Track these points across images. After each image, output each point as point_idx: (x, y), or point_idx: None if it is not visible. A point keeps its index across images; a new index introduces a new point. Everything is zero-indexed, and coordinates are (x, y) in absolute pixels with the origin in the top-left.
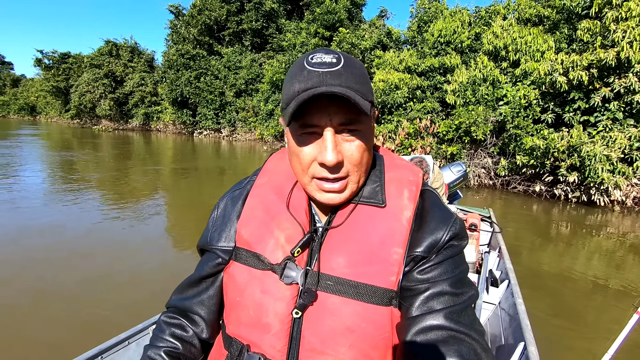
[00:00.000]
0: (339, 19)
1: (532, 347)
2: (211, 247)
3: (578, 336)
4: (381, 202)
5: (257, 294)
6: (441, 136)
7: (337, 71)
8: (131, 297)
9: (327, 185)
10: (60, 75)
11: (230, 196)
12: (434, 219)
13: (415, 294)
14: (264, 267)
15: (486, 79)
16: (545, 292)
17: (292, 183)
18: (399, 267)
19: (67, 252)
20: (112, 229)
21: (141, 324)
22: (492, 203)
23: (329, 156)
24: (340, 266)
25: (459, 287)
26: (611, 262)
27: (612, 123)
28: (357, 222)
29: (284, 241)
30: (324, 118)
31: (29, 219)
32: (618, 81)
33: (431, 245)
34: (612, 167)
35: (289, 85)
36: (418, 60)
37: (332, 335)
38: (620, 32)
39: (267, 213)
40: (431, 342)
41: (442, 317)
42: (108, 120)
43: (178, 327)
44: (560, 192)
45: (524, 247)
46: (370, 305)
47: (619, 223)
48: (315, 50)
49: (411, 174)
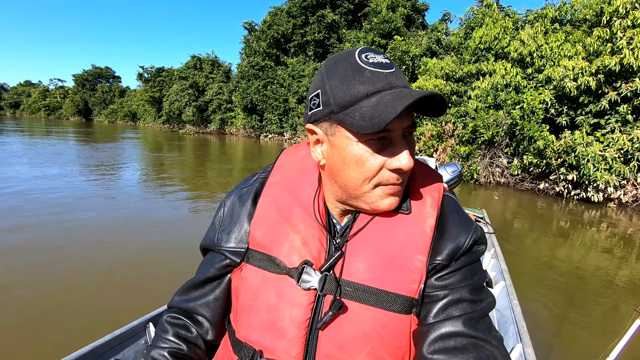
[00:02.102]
0: (395, 27)
1: (529, 349)
2: (219, 248)
3: (577, 337)
4: (406, 209)
5: (271, 298)
6: (460, 137)
7: (397, 72)
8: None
9: (393, 189)
10: (155, 87)
11: (237, 194)
12: (455, 225)
13: (434, 300)
14: (279, 270)
15: (509, 85)
16: (541, 290)
17: (307, 182)
18: (422, 274)
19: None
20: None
21: (138, 319)
22: (506, 200)
23: (406, 161)
24: (360, 271)
25: (478, 294)
26: (608, 259)
27: (622, 125)
28: (380, 228)
29: (300, 244)
30: (397, 121)
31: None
32: (625, 85)
33: (453, 252)
34: (608, 166)
35: (344, 87)
36: (456, 67)
37: (350, 342)
38: (625, 39)
39: (281, 214)
40: (450, 349)
41: (461, 323)
42: (191, 125)
43: (182, 327)
44: (562, 189)
45: (522, 240)
46: (390, 313)
47: (615, 220)
48: (363, 49)
49: (434, 180)
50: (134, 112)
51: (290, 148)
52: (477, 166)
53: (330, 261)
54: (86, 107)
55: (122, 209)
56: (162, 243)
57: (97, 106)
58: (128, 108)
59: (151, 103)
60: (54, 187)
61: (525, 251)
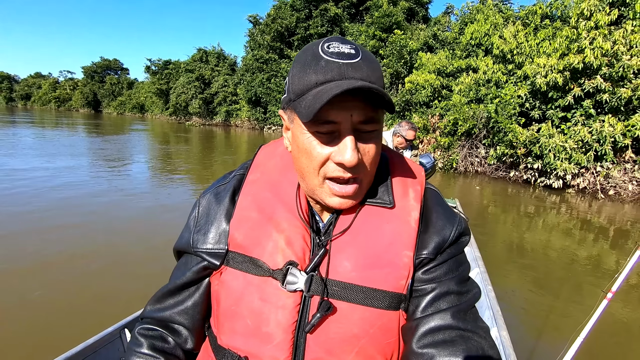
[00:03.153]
0: (396, 21)
1: (503, 332)
2: (195, 250)
3: (548, 318)
4: (389, 203)
5: (255, 301)
6: (442, 130)
7: (357, 64)
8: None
9: (340, 189)
10: (162, 79)
11: (213, 192)
12: (439, 218)
13: (422, 294)
14: (262, 273)
15: (490, 80)
16: (513, 273)
17: (289, 180)
18: (409, 270)
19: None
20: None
21: (112, 326)
22: (483, 188)
23: (348, 155)
24: (346, 270)
25: (464, 285)
26: (569, 241)
27: (585, 119)
28: (364, 224)
29: (284, 244)
30: (343, 113)
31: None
32: (588, 82)
33: (439, 246)
34: (568, 156)
35: (301, 74)
36: (447, 62)
37: (338, 343)
38: (588, 40)
39: (263, 213)
40: (439, 342)
41: (450, 316)
42: (197, 117)
43: (158, 339)
44: (530, 177)
45: (494, 225)
46: (378, 310)
47: (574, 204)
48: (330, 38)
49: (415, 172)
50: (141, 104)
51: (268, 144)
52: (457, 156)
53: (314, 260)
54: (95, 99)
55: (131, 205)
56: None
57: (106, 98)
58: (136, 100)
59: (158, 95)
60: (63, 182)
61: (497, 235)
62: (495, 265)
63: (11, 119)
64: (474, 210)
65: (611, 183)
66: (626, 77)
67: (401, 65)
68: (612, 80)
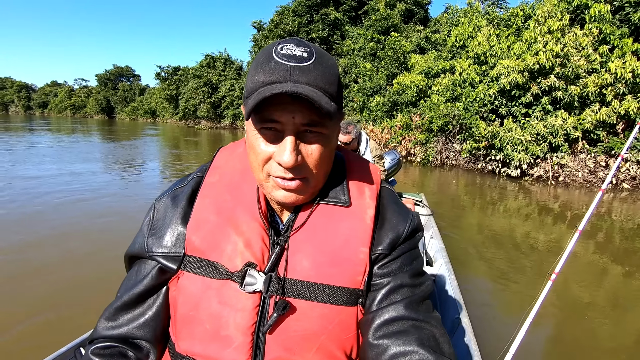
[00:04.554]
0: (393, 24)
1: (465, 319)
2: (150, 254)
3: (506, 300)
4: (345, 202)
5: (214, 305)
6: (421, 127)
7: (307, 67)
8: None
9: (283, 183)
10: (172, 85)
11: (170, 196)
12: (394, 215)
13: (378, 288)
14: (221, 276)
15: (466, 81)
16: (476, 259)
17: (248, 181)
18: (365, 266)
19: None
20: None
21: (66, 345)
22: (458, 179)
23: (286, 157)
24: (304, 269)
25: (417, 278)
26: (525, 226)
27: (544, 114)
28: (321, 223)
29: (242, 247)
30: (286, 115)
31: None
32: (544, 81)
33: (393, 242)
34: (524, 148)
35: (253, 73)
36: (432, 64)
37: (298, 341)
38: (542, 43)
39: (222, 215)
40: (393, 333)
41: (403, 307)
42: (206, 120)
43: (117, 355)
44: (494, 167)
45: (463, 212)
46: (337, 306)
47: (530, 191)
48: (287, 39)
49: (371, 172)
50: (153, 109)
51: (227, 146)
52: (432, 150)
53: (271, 259)
54: (109, 105)
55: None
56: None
57: (119, 104)
58: (148, 105)
59: (169, 100)
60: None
61: (464, 222)
62: (461, 252)
63: (30, 126)
64: (447, 200)
65: (565, 171)
66: (580, 76)
67: (396, 66)
68: (566, 79)
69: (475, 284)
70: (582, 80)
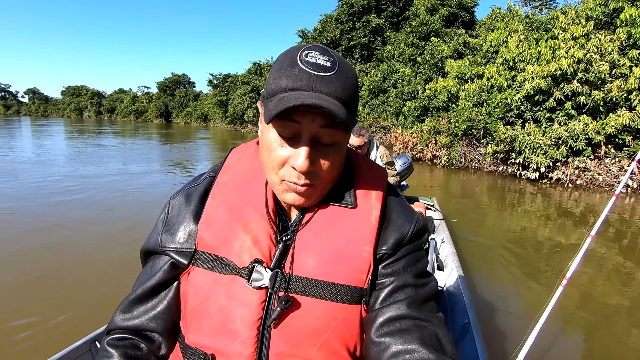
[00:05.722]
0: (433, 29)
1: (475, 323)
2: (164, 249)
3: (514, 306)
4: (351, 204)
5: (222, 300)
6: (447, 131)
7: (329, 78)
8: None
9: (295, 187)
10: (222, 91)
11: (184, 194)
12: (399, 216)
13: (381, 288)
14: (229, 271)
15: (493, 86)
16: (489, 260)
17: (258, 181)
18: (369, 265)
19: None
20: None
21: (81, 340)
22: (481, 181)
23: (301, 162)
24: (310, 266)
25: (421, 278)
26: (542, 229)
27: (567, 119)
28: (327, 222)
29: (250, 243)
30: (307, 118)
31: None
32: (566, 86)
33: (397, 242)
34: (543, 152)
35: (276, 75)
36: (465, 69)
37: (302, 337)
38: (564, 49)
39: (232, 214)
40: (395, 331)
41: (405, 306)
42: (252, 125)
43: (130, 347)
44: (515, 171)
45: (485, 213)
46: (341, 304)
47: (548, 193)
48: (311, 46)
49: (378, 174)
50: (205, 114)
51: (239, 147)
52: (456, 153)
53: (276, 256)
54: (166, 110)
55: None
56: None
57: (176, 109)
58: (200, 110)
59: (219, 106)
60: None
61: (480, 225)
62: (474, 255)
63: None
64: (467, 202)
65: (588, 175)
66: (605, 81)
67: (434, 72)
68: (590, 84)
69: (486, 288)
70: (607, 85)
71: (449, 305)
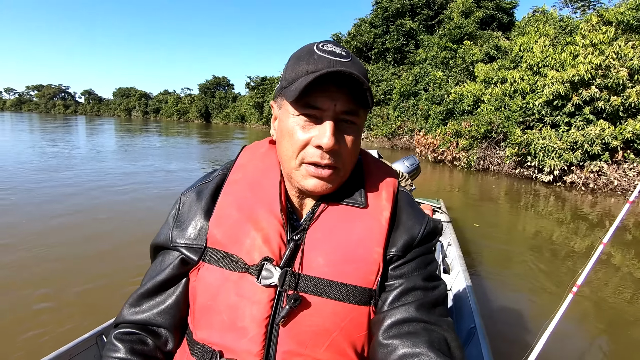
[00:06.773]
0: (467, 32)
1: (481, 328)
2: (174, 244)
3: (522, 311)
4: (361, 204)
5: (231, 297)
6: (466, 133)
7: (347, 63)
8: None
9: (315, 171)
10: (259, 94)
11: (196, 190)
12: (409, 218)
13: (390, 289)
14: (239, 269)
15: (516, 90)
16: (497, 264)
17: (270, 179)
18: (379, 266)
19: None
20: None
21: (88, 333)
22: (499, 182)
23: (327, 139)
24: (319, 265)
25: (430, 282)
26: (554, 234)
27: (586, 123)
28: (337, 222)
29: (261, 242)
30: (328, 102)
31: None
32: (585, 92)
33: (407, 244)
34: (558, 155)
35: (294, 66)
36: (492, 74)
37: (310, 336)
38: (582, 56)
39: (243, 212)
40: (403, 334)
41: (414, 309)
42: None
43: (136, 342)
44: (530, 173)
45: (497, 213)
46: (349, 305)
47: (563, 196)
48: (325, 40)
49: (388, 175)
50: (242, 115)
51: (250, 145)
52: (474, 156)
53: (286, 254)
54: (207, 111)
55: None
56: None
57: (215, 110)
58: (238, 111)
59: (255, 107)
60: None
61: (493, 228)
62: (483, 258)
63: (146, 128)
64: (482, 204)
65: (603, 180)
66: (625, 86)
67: (465, 75)
68: (609, 90)
69: (493, 292)
70: (627, 91)
71: (454, 309)
